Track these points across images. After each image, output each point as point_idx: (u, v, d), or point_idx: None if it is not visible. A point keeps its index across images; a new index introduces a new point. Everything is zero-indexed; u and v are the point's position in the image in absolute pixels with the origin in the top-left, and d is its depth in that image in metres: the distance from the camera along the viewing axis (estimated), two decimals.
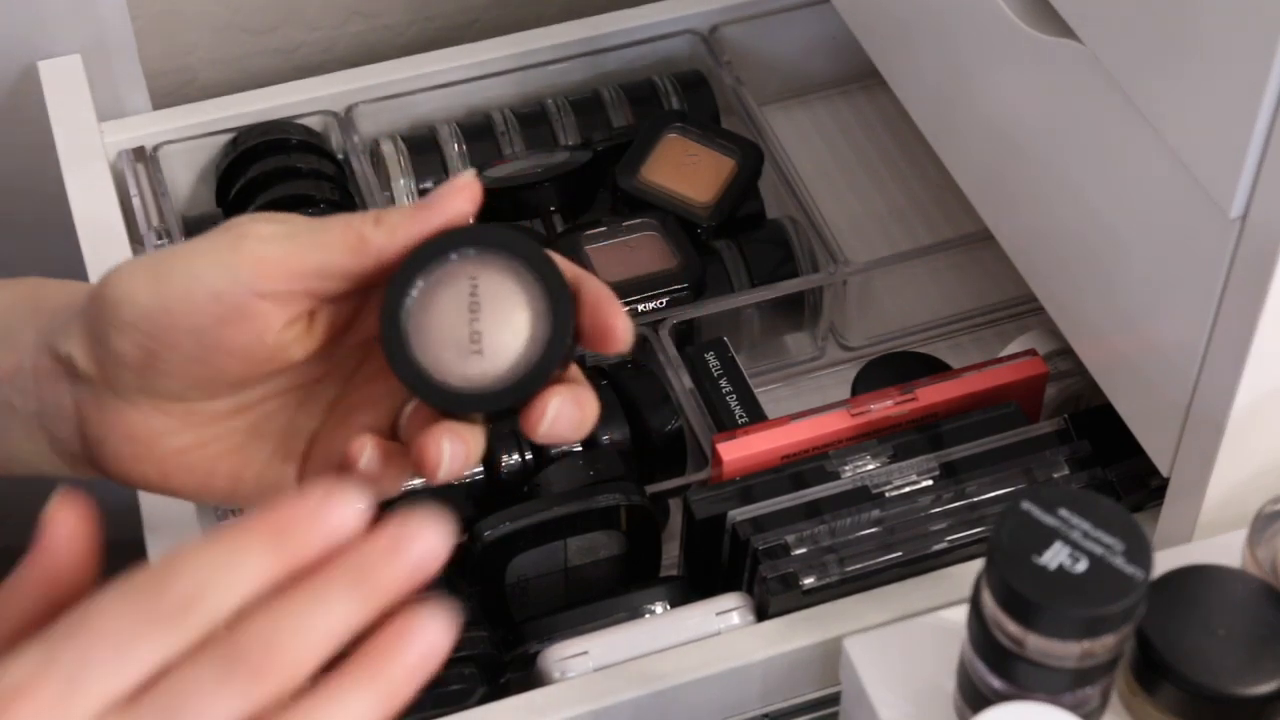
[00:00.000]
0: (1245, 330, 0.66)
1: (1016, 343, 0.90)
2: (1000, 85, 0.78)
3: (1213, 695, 0.64)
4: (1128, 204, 0.71)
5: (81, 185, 0.96)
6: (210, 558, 0.49)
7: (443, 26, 1.14)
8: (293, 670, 0.49)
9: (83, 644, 0.48)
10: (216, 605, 0.49)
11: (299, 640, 0.49)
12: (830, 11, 0.96)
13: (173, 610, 0.48)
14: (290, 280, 0.61)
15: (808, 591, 0.76)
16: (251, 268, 0.61)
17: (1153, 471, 0.75)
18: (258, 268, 0.61)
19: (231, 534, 0.50)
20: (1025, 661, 0.62)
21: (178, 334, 0.62)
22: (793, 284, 0.94)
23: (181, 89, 1.11)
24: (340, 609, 0.49)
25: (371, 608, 0.50)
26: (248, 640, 0.48)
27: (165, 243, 0.95)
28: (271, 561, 0.49)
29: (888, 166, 1.07)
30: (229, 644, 0.48)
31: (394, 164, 1.00)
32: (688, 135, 0.98)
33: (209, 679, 0.48)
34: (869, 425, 0.82)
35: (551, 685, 0.75)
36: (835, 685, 0.75)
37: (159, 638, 0.48)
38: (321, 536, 0.50)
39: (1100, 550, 0.61)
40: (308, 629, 0.49)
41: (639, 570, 0.83)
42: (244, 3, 1.09)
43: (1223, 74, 0.62)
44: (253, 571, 0.49)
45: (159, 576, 0.49)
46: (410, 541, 0.50)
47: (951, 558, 0.78)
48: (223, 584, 0.49)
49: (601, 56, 1.05)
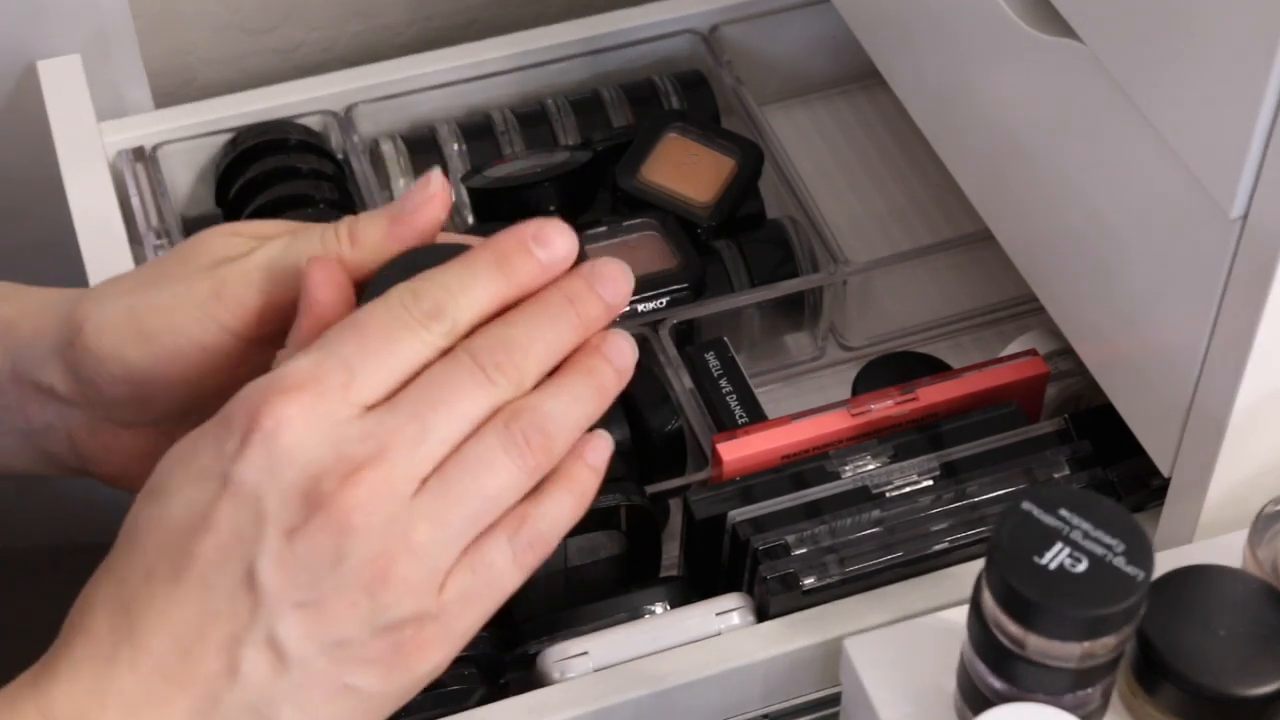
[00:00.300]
0: (1246, 330, 0.66)
1: (1017, 343, 0.90)
2: (1001, 85, 0.78)
3: (1213, 696, 0.64)
4: (1128, 204, 0.71)
5: (81, 185, 0.96)
6: (449, 279, 0.57)
7: (442, 26, 1.14)
8: (523, 372, 0.57)
9: (357, 340, 0.56)
10: (458, 315, 0.57)
11: (527, 347, 0.57)
12: (830, 11, 0.95)
13: (425, 317, 0.56)
14: (277, 321, 0.61)
15: (808, 592, 0.76)
16: (236, 316, 0.61)
17: (1153, 472, 0.75)
18: (243, 316, 0.61)
19: (464, 260, 0.58)
20: (1026, 662, 0.62)
21: (170, 384, 0.63)
22: (793, 284, 0.94)
23: (181, 89, 1.11)
24: (557, 326, 0.58)
25: (580, 330, 0.59)
26: (489, 344, 0.57)
27: (164, 244, 0.95)
28: (499, 283, 0.57)
29: (888, 166, 1.07)
30: (473, 348, 0.57)
31: (394, 164, 1.00)
32: (688, 135, 0.98)
33: (460, 374, 0.56)
34: (869, 425, 0.82)
35: (551, 686, 0.74)
36: (836, 686, 0.75)
37: (416, 338, 0.56)
38: (535, 264, 0.58)
39: (1101, 550, 0.61)
40: (534, 338, 0.57)
41: (639, 570, 0.83)
42: (244, 3, 1.09)
43: (1223, 74, 0.62)
44: (484, 289, 0.57)
45: (410, 292, 0.57)
46: (604, 280, 0.59)
47: (952, 558, 0.77)
48: (463, 298, 0.57)
49: (601, 56, 1.05)
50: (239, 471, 0.54)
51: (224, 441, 0.55)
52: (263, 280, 0.61)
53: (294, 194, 0.96)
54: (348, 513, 0.54)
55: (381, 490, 0.54)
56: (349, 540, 0.54)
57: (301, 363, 0.55)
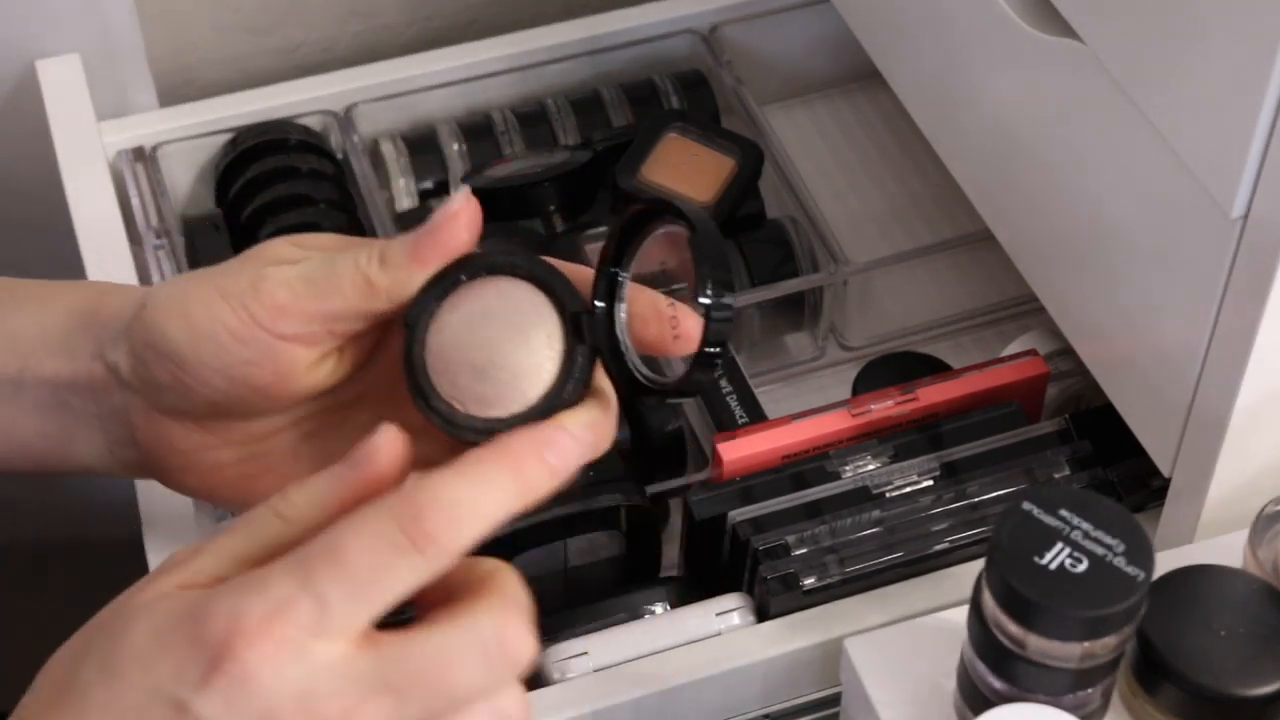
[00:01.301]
0: (1247, 330, 0.66)
1: (1017, 343, 0.90)
2: (1001, 85, 0.78)
3: (1214, 696, 0.64)
4: (1129, 204, 0.71)
5: (80, 185, 0.96)
6: (458, 494, 0.53)
7: (443, 26, 1.14)
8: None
9: (335, 570, 0.52)
10: (461, 539, 0.53)
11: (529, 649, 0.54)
12: (830, 11, 0.95)
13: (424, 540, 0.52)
14: (309, 323, 0.62)
15: (808, 592, 0.76)
16: (270, 313, 0.62)
17: (1154, 472, 0.75)
18: (276, 313, 0.62)
19: (476, 471, 0.54)
20: (1026, 662, 0.62)
21: (207, 370, 0.64)
22: (793, 284, 0.94)
23: (181, 88, 1.11)
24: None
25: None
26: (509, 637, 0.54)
27: (164, 243, 0.95)
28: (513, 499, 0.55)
29: (888, 166, 1.07)
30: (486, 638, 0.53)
31: (394, 164, 1.00)
32: (688, 135, 0.98)
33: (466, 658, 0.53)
34: (870, 425, 0.82)
35: (551, 686, 0.74)
36: (836, 686, 0.75)
37: (409, 565, 0.52)
38: (548, 473, 0.56)
39: (1101, 551, 0.61)
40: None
41: (639, 571, 0.83)
42: (244, 3, 1.09)
43: (1224, 74, 0.62)
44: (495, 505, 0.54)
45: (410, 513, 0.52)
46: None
47: (952, 558, 0.77)
48: (468, 518, 0.53)
49: (601, 56, 1.05)
50: (197, 706, 0.52)
51: (187, 665, 0.53)
52: (298, 284, 0.62)
53: (294, 194, 0.96)
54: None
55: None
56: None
57: (275, 589, 0.52)
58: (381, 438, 0.55)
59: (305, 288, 0.62)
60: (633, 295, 0.62)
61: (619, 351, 0.61)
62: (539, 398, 0.60)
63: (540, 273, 0.61)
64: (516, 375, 0.60)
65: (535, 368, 0.60)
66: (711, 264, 0.58)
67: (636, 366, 0.61)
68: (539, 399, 0.60)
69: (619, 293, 0.61)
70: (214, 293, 0.63)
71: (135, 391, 0.67)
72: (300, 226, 0.94)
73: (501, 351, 0.60)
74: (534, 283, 0.61)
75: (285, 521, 0.55)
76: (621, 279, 0.62)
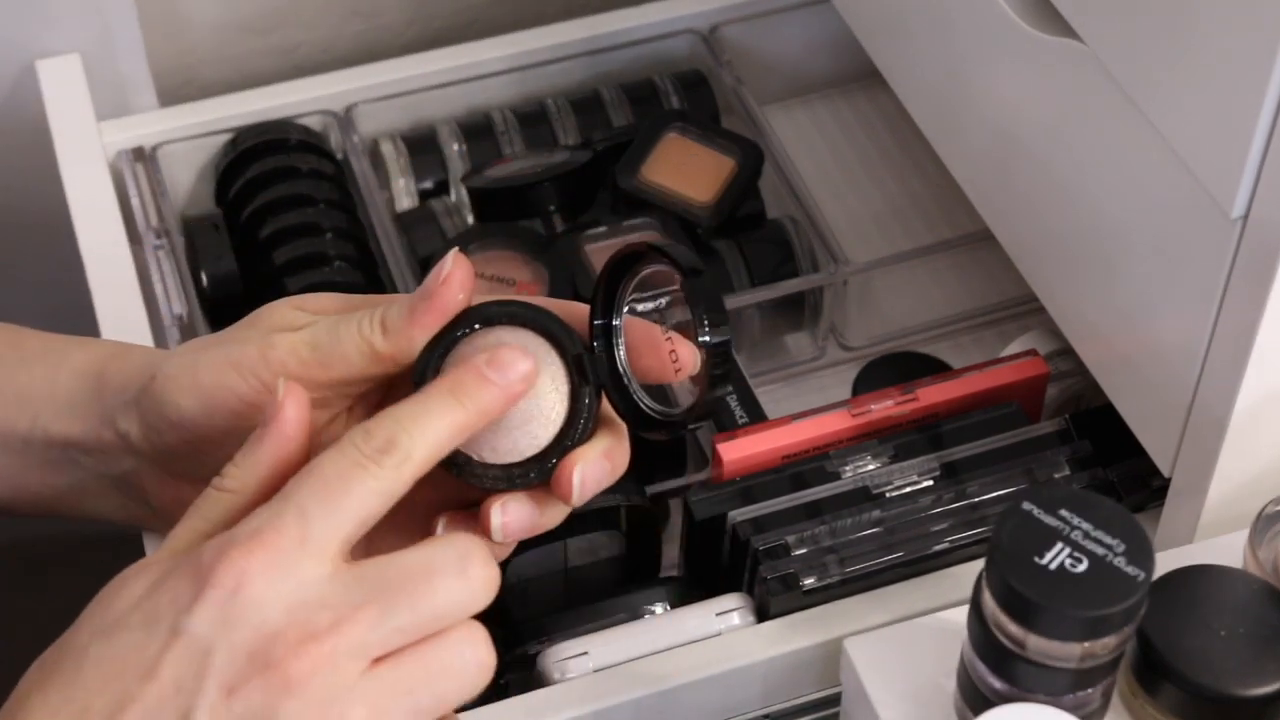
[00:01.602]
0: (1247, 330, 0.66)
1: (1017, 343, 0.90)
2: (1001, 85, 0.78)
3: (1214, 696, 0.64)
4: (1129, 204, 0.71)
5: (80, 185, 0.96)
6: (401, 412, 0.58)
7: (443, 26, 1.14)
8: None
9: (310, 486, 0.56)
10: (410, 448, 0.57)
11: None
12: (830, 11, 0.95)
13: (376, 453, 0.57)
14: (317, 389, 0.63)
15: (808, 592, 0.76)
16: (277, 378, 0.63)
17: (1154, 472, 0.75)
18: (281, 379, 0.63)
19: (419, 393, 0.59)
20: (1026, 662, 0.62)
21: (217, 436, 0.66)
22: (793, 284, 0.94)
23: (181, 88, 1.11)
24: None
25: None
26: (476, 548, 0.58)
27: (164, 244, 0.95)
28: (455, 411, 0.59)
29: (888, 166, 1.07)
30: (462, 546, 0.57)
31: (394, 164, 1.00)
32: (688, 135, 0.98)
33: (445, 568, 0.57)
34: (869, 425, 0.82)
35: (551, 686, 0.74)
36: (836, 686, 0.75)
37: (370, 476, 0.56)
38: (492, 388, 0.59)
39: (1101, 551, 0.61)
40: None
41: (639, 571, 0.83)
42: (244, 3, 1.09)
43: (1224, 74, 0.62)
44: (439, 420, 0.58)
45: (362, 431, 0.57)
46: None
47: (952, 558, 0.77)
48: (415, 431, 0.57)
49: (601, 56, 1.05)
50: (191, 624, 0.55)
51: (179, 590, 0.55)
52: (305, 352, 0.64)
53: (294, 194, 0.96)
54: (290, 682, 0.54)
55: (327, 665, 0.55)
56: (285, 706, 0.55)
57: (260, 515, 0.56)
58: (280, 388, 0.59)
59: (312, 354, 0.63)
60: (629, 328, 0.63)
61: (623, 387, 0.63)
62: (551, 439, 0.62)
63: (537, 318, 0.62)
64: (527, 420, 0.62)
65: (544, 411, 0.62)
66: (706, 305, 0.61)
67: (642, 399, 0.63)
68: (551, 440, 0.62)
69: (615, 331, 0.63)
70: (225, 363, 0.65)
71: (147, 458, 0.69)
72: (300, 227, 0.94)
73: None
74: (532, 329, 0.62)
75: (232, 493, 0.59)
76: (616, 324, 0.63)
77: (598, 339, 0.63)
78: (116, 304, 0.90)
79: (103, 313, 0.90)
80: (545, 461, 0.61)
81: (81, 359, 0.72)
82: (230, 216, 0.97)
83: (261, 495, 0.58)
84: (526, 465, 0.61)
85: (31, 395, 0.71)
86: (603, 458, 0.62)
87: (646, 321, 0.64)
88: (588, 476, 0.61)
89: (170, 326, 0.91)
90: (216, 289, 0.94)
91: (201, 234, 0.96)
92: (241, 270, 0.95)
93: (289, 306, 0.67)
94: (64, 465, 0.72)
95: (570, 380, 0.62)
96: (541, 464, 0.61)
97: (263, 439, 0.59)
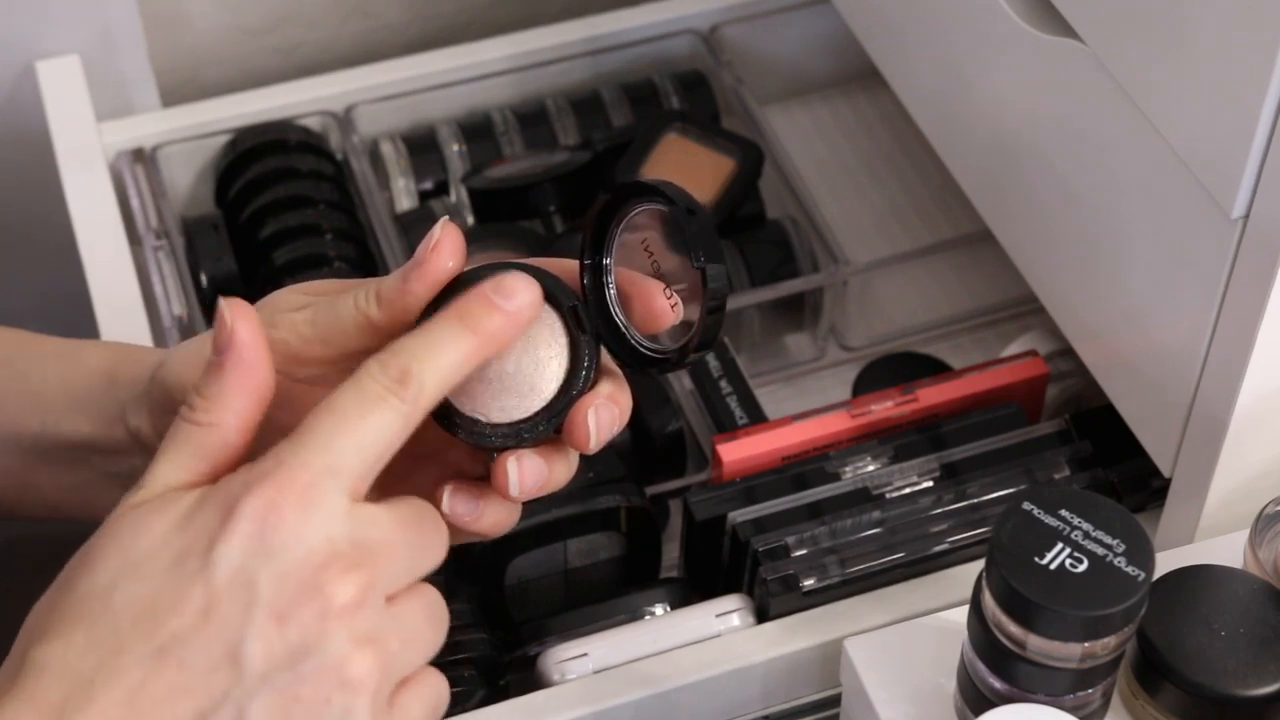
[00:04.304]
0: (1247, 331, 0.66)
1: (1017, 343, 0.90)
2: (1001, 85, 0.78)
3: (1214, 696, 0.64)
4: (1129, 204, 0.71)
5: (80, 186, 0.96)
6: (414, 343, 0.58)
7: (443, 26, 1.14)
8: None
9: (331, 420, 0.56)
10: (424, 378, 0.57)
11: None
12: (830, 11, 0.95)
13: (393, 383, 0.57)
14: (320, 365, 0.63)
15: (808, 593, 0.76)
16: (284, 360, 0.63)
17: (1154, 472, 0.75)
18: (290, 360, 0.63)
19: (428, 323, 0.59)
20: (1026, 662, 0.62)
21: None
22: (793, 284, 0.94)
23: (181, 89, 1.11)
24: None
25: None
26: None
27: (163, 244, 0.95)
28: (464, 339, 0.59)
29: (888, 166, 1.07)
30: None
31: (393, 164, 1.00)
32: (688, 135, 0.98)
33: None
34: (870, 426, 0.82)
35: (551, 687, 0.74)
36: (836, 687, 0.75)
37: (387, 406, 0.57)
38: (500, 314, 0.59)
39: (1101, 551, 0.61)
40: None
41: (639, 572, 0.82)
42: (244, 3, 1.09)
43: (1225, 74, 0.62)
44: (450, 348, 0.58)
45: (377, 363, 0.58)
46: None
47: (952, 559, 0.77)
48: (428, 361, 0.58)
49: (601, 56, 1.05)
50: (229, 556, 0.55)
51: (209, 524, 0.56)
52: (305, 330, 0.64)
53: (294, 194, 0.96)
54: (338, 609, 0.55)
55: (371, 594, 0.56)
56: (334, 634, 0.55)
57: (283, 449, 0.56)
58: (224, 309, 0.59)
59: (312, 331, 0.63)
60: (619, 276, 0.63)
61: (619, 332, 0.63)
62: (555, 392, 0.61)
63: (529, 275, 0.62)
64: (530, 376, 0.61)
65: (545, 366, 0.62)
66: (698, 230, 0.60)
67: (640, 342, 0.63)
68: (555, 393, 0.61)
69: (607, 277, 0.63)
70: None
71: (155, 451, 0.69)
72: (300, 227, 0.94)
73: (510, 358, 0.61)
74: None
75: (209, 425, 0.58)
76: (606, 263, 0.63)
77: (586, 276, 0.63)
78: (116, 304, 0.90)
79: (103, 313, 0.90)
80: (553, 412, 0.61)
81: (95, 359, 0.72)
82: (230, 217, 0.97)
83: (242, 425, 0.58)
84: (535, 419, 0.61)
85: (44, 395, 0.71)
86: (610, 401, 0.62)
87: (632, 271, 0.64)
88: (601, 420, 0.61)
89: (170, 327, 0.91)
90: (216, 290, 0.94)
91: (201, 235, 0.96)
92: (241, 271, 0.95)
93: (292, 291, 0.67)
94: (73, 465, 0.72)
95: (569, 332, 0.62)
96: (550, 416, 0.61)
97: (223, 367, 0.59)
